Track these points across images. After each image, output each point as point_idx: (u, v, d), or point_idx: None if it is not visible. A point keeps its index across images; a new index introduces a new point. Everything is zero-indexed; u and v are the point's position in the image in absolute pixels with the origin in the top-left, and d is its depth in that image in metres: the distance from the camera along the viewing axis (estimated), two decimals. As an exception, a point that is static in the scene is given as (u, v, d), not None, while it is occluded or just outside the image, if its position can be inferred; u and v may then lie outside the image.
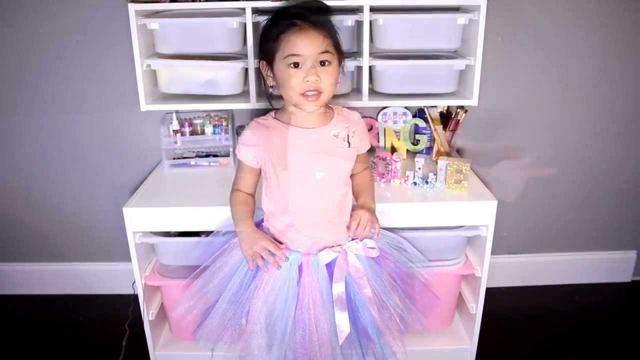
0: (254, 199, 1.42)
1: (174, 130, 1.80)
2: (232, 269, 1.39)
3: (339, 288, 1.33)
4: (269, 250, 1.30)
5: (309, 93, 1.25)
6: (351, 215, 1.39)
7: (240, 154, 1.37)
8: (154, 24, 1.58)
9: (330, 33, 1.27)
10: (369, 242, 1.37)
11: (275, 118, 1.35)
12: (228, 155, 1.84)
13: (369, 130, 1.69)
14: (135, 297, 1.71)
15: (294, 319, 1.33)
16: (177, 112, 1.83)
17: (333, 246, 1.37)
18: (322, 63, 1.25)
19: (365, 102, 1.68)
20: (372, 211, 1.39)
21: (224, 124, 1.84)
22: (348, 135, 1.35)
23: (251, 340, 1.34)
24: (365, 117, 1.45)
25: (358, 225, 1.35)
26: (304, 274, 1.35)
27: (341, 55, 1.31)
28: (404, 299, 1.45)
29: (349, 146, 1.35)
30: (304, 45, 1.22)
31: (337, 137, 1.34)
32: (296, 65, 1.24)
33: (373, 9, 1.57)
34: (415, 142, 1.87)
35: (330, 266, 1.36)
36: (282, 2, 1.53)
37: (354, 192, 1.44)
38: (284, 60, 1.24)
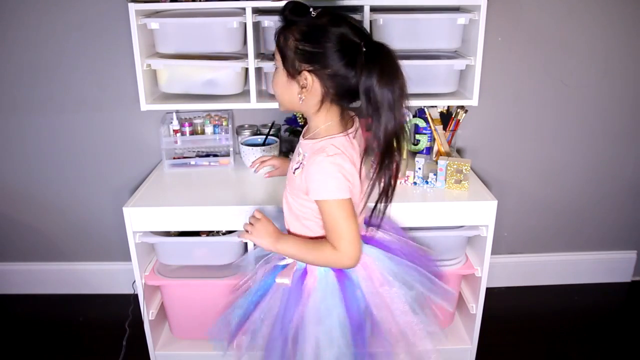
0: None
1: (174, 130, 1.81)
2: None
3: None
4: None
5: None
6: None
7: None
8: (154, 23, 1.59)
9: (283, 35, 1.09)
10: (279, 279, 1.24)
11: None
12: (228, 155, 1.84)
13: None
14: (135, 296, 1.71)
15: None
16: (177, 111, 1.83)
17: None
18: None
19: (366, 102, 1.68)
20: (274, 231, 1.20)
21: (224, 123, 1.84)
22: (301, 163, 1.13)
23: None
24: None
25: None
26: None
27: (286, 61, 1.08)
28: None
29: (294, 173, 1.15)
30: None
31: (298, 155, 1.16)
32: None
33: (373, 9, 1.58)
34: (416, 142, 1.88)
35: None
36: (283, 2, 1.52)
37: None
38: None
